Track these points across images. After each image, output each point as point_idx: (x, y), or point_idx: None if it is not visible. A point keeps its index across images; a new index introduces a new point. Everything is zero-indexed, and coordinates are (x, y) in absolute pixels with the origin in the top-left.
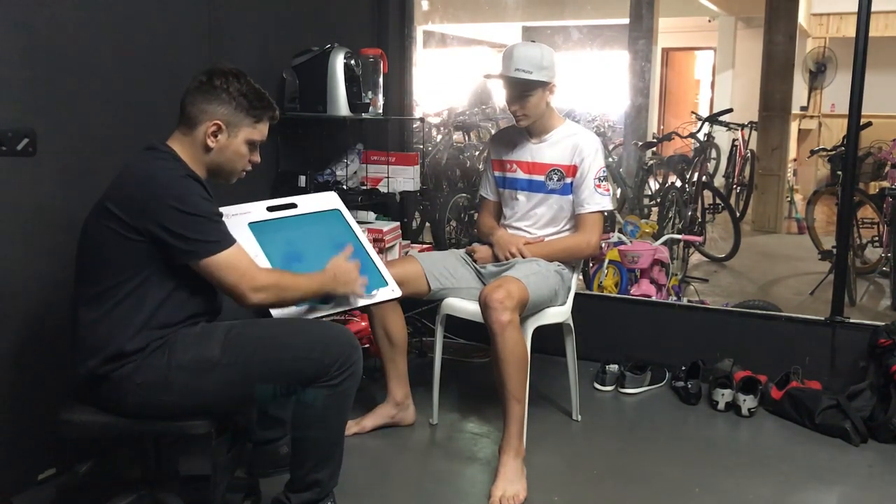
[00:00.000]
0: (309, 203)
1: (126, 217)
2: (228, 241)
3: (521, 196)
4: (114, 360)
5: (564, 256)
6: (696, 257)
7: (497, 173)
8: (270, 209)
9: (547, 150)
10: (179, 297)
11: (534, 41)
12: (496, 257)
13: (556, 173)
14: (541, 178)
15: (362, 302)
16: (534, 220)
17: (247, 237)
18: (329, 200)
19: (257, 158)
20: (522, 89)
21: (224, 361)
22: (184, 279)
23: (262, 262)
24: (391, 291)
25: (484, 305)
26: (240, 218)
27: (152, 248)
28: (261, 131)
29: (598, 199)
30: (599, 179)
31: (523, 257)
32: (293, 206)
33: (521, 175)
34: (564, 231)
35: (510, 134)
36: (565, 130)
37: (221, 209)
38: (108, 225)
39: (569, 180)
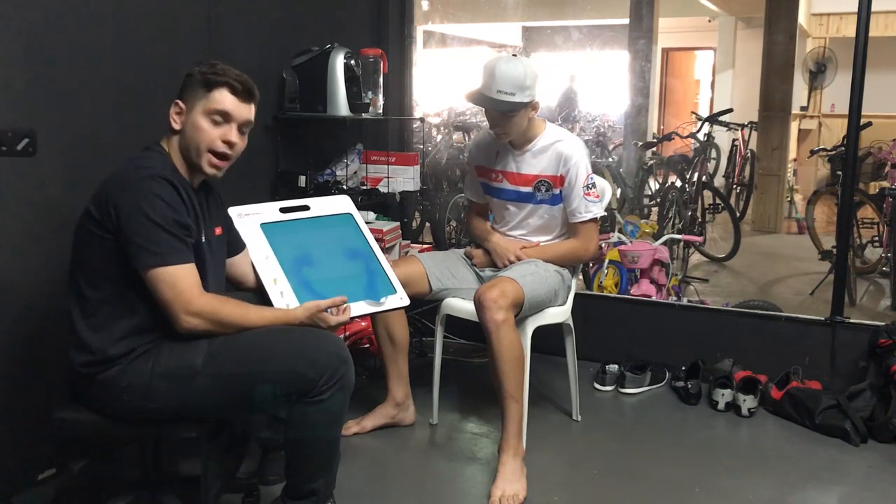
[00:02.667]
0: (322, 206)
1: (97, 215)
2: (176, 256)
3: (512, 206)
4: (99, 364)
5: (563, 261)
6: (696, 257)
7: (482, 180)
8: (283, 210)
9: (531, 161)
10: None
11: (515, 55)
12: (494, 263)
13: (543, 184)
14: (528, 189)
15: (370, 310)
16: (527, 229)
17: (258, 238)
18: (342, 204)
19: (232, 137)
20: (505, 110)
21: (206, 371)
22: None
23: (273, 265)
24: (399, 299)
25: (478, 305)
26: (252, 218)
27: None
28: (217, 100)
29: (589, 207)
30: (588, 187)
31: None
32: (306, 208)
33: (507, 186)
34: (559, 237)
35: (491, 141)
36: (548, 138)
37: (235, 209)
38: (85, 224)
39: (557, 190)
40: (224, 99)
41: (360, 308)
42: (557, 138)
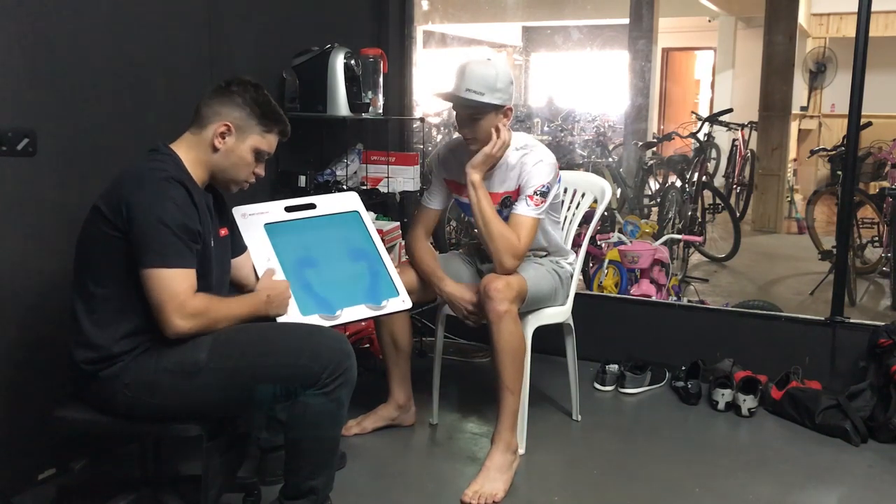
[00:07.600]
0: (328, 204)
1: (109, 213)
2: (176, 260)
3: None
4: (102, 361)
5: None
6: (696, 257)
7: (455, 196)
8: (289, 209)
9: (499, 178)
10: None
11: (489, 59)
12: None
13: (508, 200)
14: (496, 207)
15: (370, 314)
16: None
17: (261, 239)
18: (349, 202)
19: (262, 171)
20: (473, 112)
21: (211, 366)
22: None
23: (275, 266)
24: (401, 302)
25: (483, 295)
26: (256, 218)
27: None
28: (269, 142)
29: (521, 206)
30: (537, 192)
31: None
32: (312, 206)
33: None
34: (534, 251)
35: (462, 153)
36: (515, 154)
37: (239, 208)
38: (95, 223)
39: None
40: (274, 142)
41: (359, 312)
42: (524, 152)
